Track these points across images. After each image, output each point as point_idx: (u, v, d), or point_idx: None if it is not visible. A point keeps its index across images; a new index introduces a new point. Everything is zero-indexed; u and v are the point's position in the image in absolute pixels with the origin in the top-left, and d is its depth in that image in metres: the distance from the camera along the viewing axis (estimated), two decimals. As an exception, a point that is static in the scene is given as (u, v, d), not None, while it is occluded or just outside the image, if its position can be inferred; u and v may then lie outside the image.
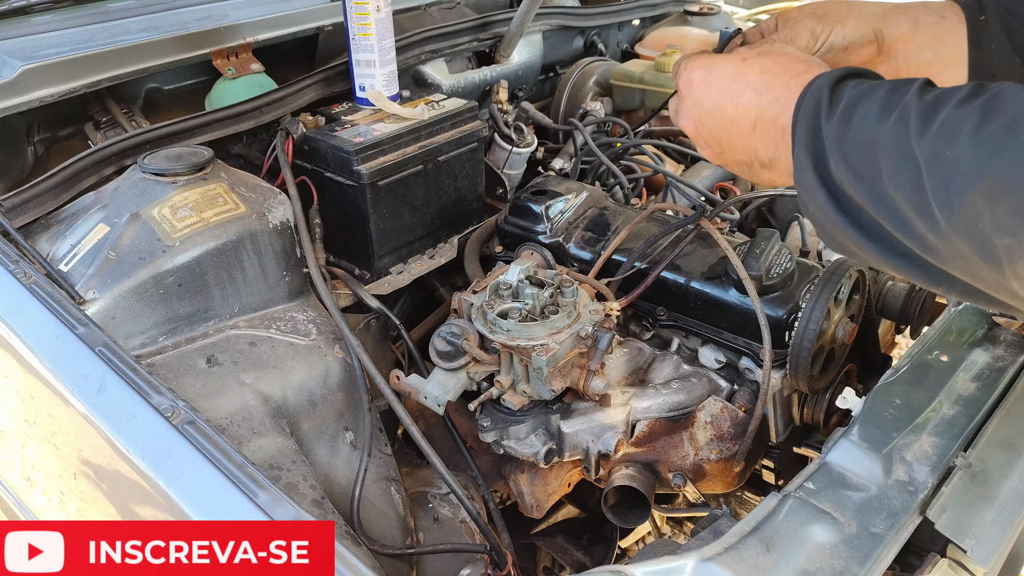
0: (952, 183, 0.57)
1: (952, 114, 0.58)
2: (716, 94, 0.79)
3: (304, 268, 1.23)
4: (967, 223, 0.57)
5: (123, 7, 1.65)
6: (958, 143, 0.57)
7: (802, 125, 0.69)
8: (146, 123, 1.45)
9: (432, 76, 1.71)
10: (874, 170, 0.62)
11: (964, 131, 0.57)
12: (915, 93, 0.62)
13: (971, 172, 0.56)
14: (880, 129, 0.62)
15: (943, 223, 0.58)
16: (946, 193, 0.57)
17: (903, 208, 0.61)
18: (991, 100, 0.57)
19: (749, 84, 0.76)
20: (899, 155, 0.60)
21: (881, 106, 0.63)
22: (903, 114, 0.61)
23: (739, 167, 0.82)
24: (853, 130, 0.64)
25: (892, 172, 0.61)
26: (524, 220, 1.36)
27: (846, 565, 0.77)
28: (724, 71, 0.79)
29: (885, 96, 0.64)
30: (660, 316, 1.25)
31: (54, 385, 0.92)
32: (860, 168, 0.63)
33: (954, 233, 0.58)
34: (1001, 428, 0.96)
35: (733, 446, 1.13)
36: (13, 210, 1.15)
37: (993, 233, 0.56)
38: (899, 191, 0.61)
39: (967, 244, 0.58)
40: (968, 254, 0.58)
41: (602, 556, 1.43)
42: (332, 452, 1.10)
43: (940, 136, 0.58)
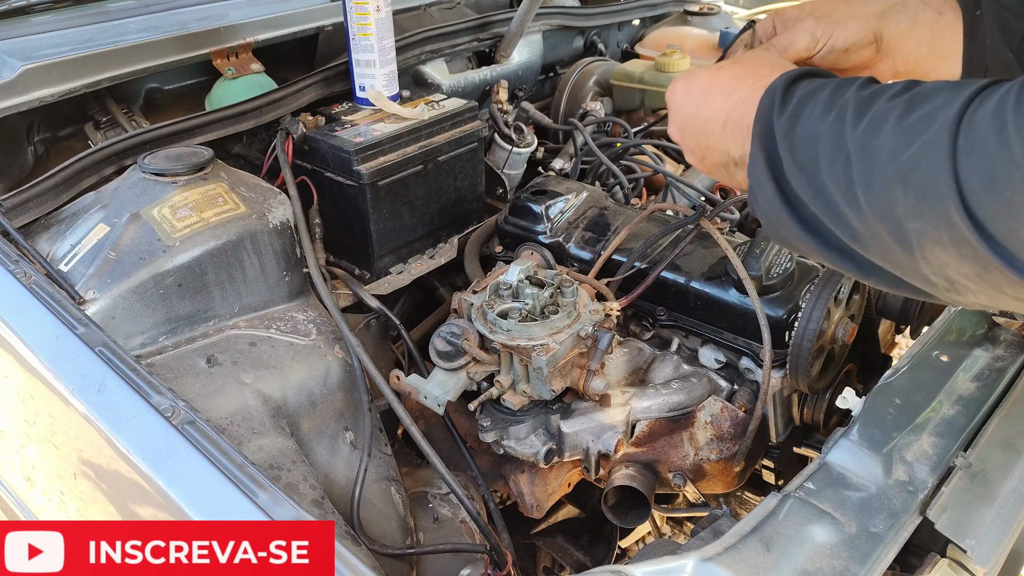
0: (874, 171, 0.61)
1: (881, 107, 0.62)
2: (694, 100, 0.83)
3: (304, 268, 1.23)
4: (884, 208, 0.61)
5: (123, 7, 1.65)
6: (882, 133, 0.61)
7: (758, 122, 0.72)
8: (146, 123, 1.45)
9: (432, 76, 1.71)
10: (814, 163, 0.66)
11: (888, 122, 0.61)
12: (855, 90, 0.66)
13: (889, 159, 0.60)
14: (821, 124, 0.66)
15: (865, 209, 0.62)
16: (868, 179, 0.61)
17: (835, 197, 0.65)
18: (916, 94, 0.61)
19: (720, 88, 0.80)
20: (834, 147, 0.64)
21: (825, 103, 0.67)
22: (842, 110, 0.65)
23: (718, 170, 0.85)
24: (800, 126, 0.68)
25: (828, 163, 0.65)
26: (524, 220, 1.36)
27: (846, 565, 0.77)
28: (700, 79, 0.83)
29: (830, 94, 0.67)
30: (660, 316, 1.25)
31: (54, 385, 0.92)
32: (803, 161, 0.67)
33: (874, 218, 0.62)
34: (1001, 428, 0.96)
35: (733, 446, 1.13)
36: (13, 210, 1.15)
37: (905, 217, 0.60)
38: (831, 180, 0.64)
39: (884, 229, 0.62)
40: (886, 239, 0.62)
41: (602, 556, 1.43)
42: (332, 452, 1.10)
43: (869, 128, 0.62)
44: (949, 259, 0.60)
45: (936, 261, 0.61)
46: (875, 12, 0.93)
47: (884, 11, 0.93)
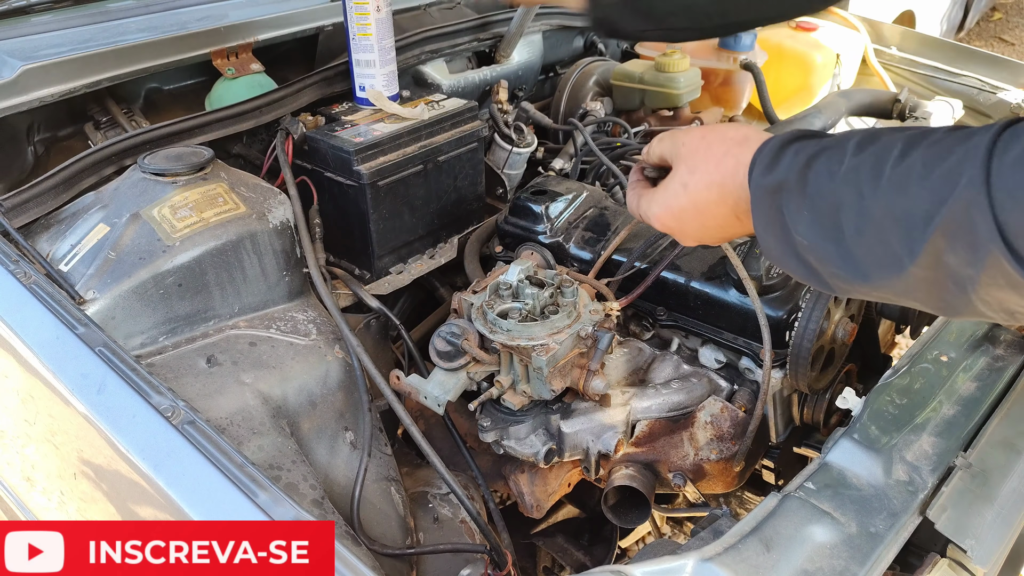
0: (912, 231, 0.62)
1: (896, 168, 0.64)
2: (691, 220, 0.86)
3: (304, 268, 1.23)
4: (932, 262, 0.62)
5: (123, 7, 1.65)
6: (908, 194, 0.62)
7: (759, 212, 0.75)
8: (146, 123, 1.45)
9: (432, 76, 1.71)
10: (837, 231, 0.68)
11: (912, 181, 0.62)
12: (854, 151, 0.68)
13: (926, 219, 0.61)
14: (833, 193, 0.68)
15: (910, 267, 0.64)
16: (908, 240, 0.63)
17: (871, 260, 0.66)
18: (928, 149, 0.63)
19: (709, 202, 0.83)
20: (857, 213, 0.66)
21: (827, 171, 0.69)
22: (849, 176, 0.67)
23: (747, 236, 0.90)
24: (812, 199, 0.69)
25: (854, 231, 0.66)
26: (524, 220, 1.36)
27: (846, 565, 0.77)
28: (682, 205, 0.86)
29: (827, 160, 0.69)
30: (660, 316, 1.25)
31: (54, 385, 0.92)
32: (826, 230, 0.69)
33: (922, 271, 0.63)
34: (1001, 428, 0.96)
35: (733, 446, 1.13)
36: (13, 210, 1.15)
37: (957, 267, 0.61)
38: (866, 246, 0.66)
39: (935, 277, 0.63)
40: (937, 284, 0.64)
41: (602, 556, 1.43)
42: (332, 452, 1.10)
43: (891, 190, 0.64)
44: (1007, 297, 0.61)
45: (994, 299, 0.62)
46: None
47: None
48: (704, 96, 2.03)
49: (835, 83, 2.29)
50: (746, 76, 2.05)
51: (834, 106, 1.95)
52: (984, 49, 2.27)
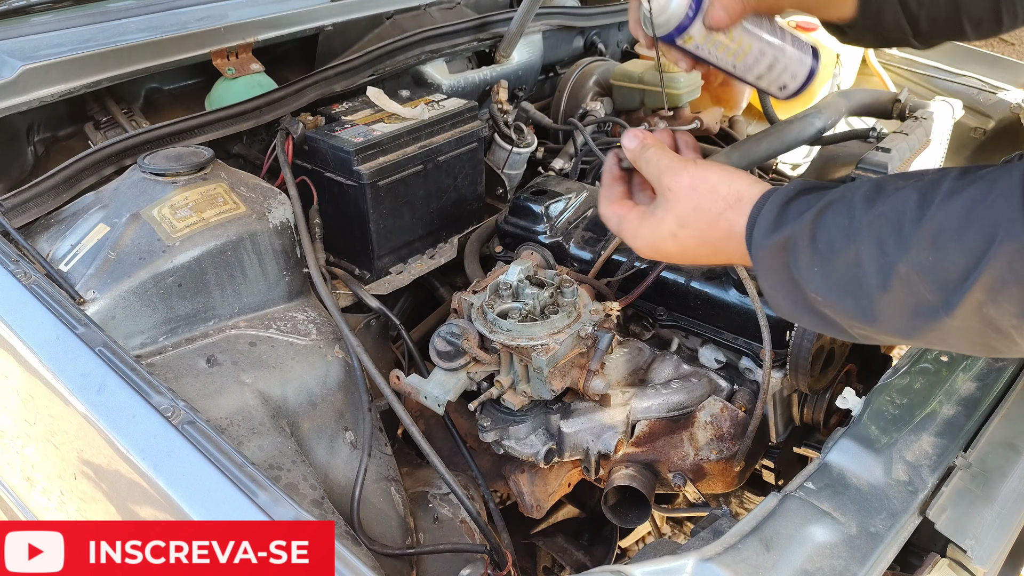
0: (947, 286, 0.62)
1: (919, 226, 0.63)
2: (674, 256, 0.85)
3: (304, 268, 1.23)
4: (971, 313, 0.62)
5: (123, 7, 1.65)
6: (937, 249, 0.62)
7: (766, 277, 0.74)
8: (146, 123, 1.45)
9: (432, 76, 1.71)
10: (860, 285, 0.67)
11: (941, 237, 0.62)
12: (863, 208, 0.67)
13: (964, 274, 0.60)
14: (849, 250, 0.67)
15: (945, 317, 0.63)
16: (944, 294, 0.62)
17: (898, 313, 0.66)
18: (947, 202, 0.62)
19: (700, 255, 0.82)
20: (879, 269, 0.65)
21: (836, 228, 0.68)
22: (864, 233, 0.66)
23: None
24: (824, 256, 0.68)
25: (877, 286, 0.65)
26: (524, 220, 1.36)
27: (846, 565, 0.77)
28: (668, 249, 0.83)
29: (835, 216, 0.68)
30: (660, 316, 1.25)
31: (54, 385, 0.92)
32: (845, 286, 0.68)
33: (961, 322, 0.63)
34: (1001, 428, 0.96)
35: (733, 446, 1.13)
36: (13, 210, 1.15)
37: (999, 317, 0.61)
38: (892, 300, 0.65)
39: (977, 324, 0.63)
40: (979, 330, 0.63)
41: (602, 556, 1.43)
42: (332, 452, 1.10)
43: (917, 246, 0.63)
44: None
45: None
46: None
47: None
48: (704, 96, 2.03)
49: (835, 83, 2.28)
50: (746, 76, 2.05)
51: (834, 106, 1.95)
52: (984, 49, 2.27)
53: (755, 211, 0.75)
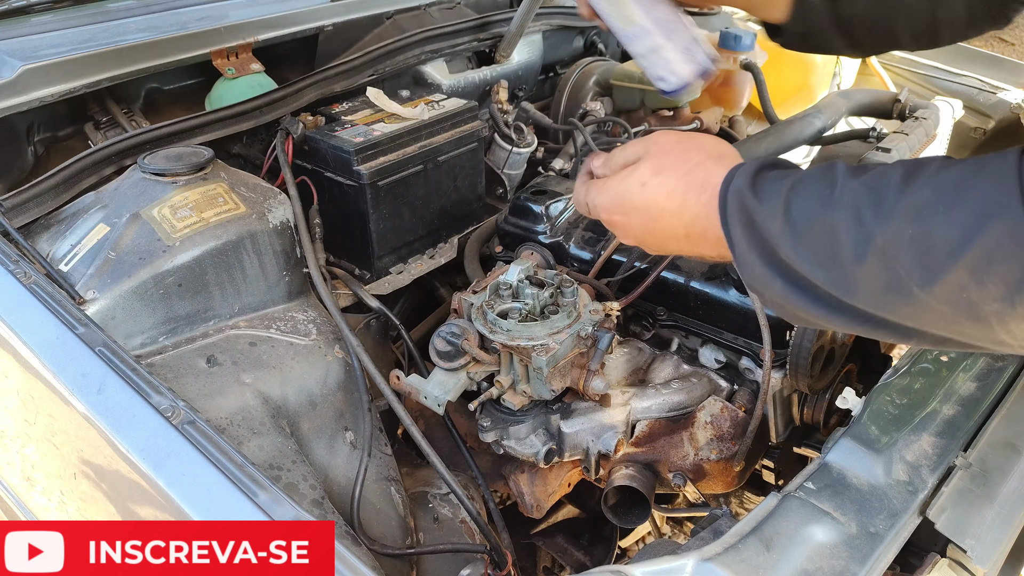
0: (928, 261, 0.59)
1: (903, 197, 0.61)
2: (639, 221, 0.82)
3: (304, 268, 1.23)
4: (951, 293, 0.59)
5: (123, 7, 1.65)
6: (921, 222, 0.60)
7: (736, 227, 0.71)
8: (146, 123, 1.45)
9: (432, 76, 1.71)
10: (833, 256, 0.65)
11: (924, 211, 0.60)
12: (846, 177, 0.65)
13: (949, 251, 0.58)
14: (827, 218, 0.65)
15: (922, 295, 0.61)
16: (923, 270, 0.60)
17: (873, 287, 0.63)
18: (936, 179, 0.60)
19: (664, 211, 0.79)
20: (856, 239, 0.63)
21: (816, 194, 0.66)
22: (846, 200, 0.64)
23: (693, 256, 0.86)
24: (798, 223, 0.67)
25: (853, 256, 0.63)
26: (524, 220, 1.36)
27: (846, 565, 0.77)
28: (634, 204, 0.82)
29: (816, 184, 0.67)
30: (660, 316, 1.25)
31: (54, 385, 0.92)
32: (817, 256, 0.66)
33: (937, 302, 0.60)
34: (1001, 428, 0.96)
35: (733, 446, 1.13)
36: (13, 210, 1.15)
37: (981, 301, 0.58)
38: (867, 272, 0.63)
39: (952, 309, 0.60)
40: (953, 316, 0.61)
41: (602, 556, 1.43)
42: (332, 452, 1.10)
43: (898, 217, 0.61)
44: None
45: (1020, 331, 0.60)
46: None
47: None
48: (704, 96, 2.03)
49: (835, 83, 2.29)
50: (746, 76, 2.05)
51: (834, 106, 1.95)
52: (984, 49, 2.27)
53: (737, 167, 0.73)
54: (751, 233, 0.70)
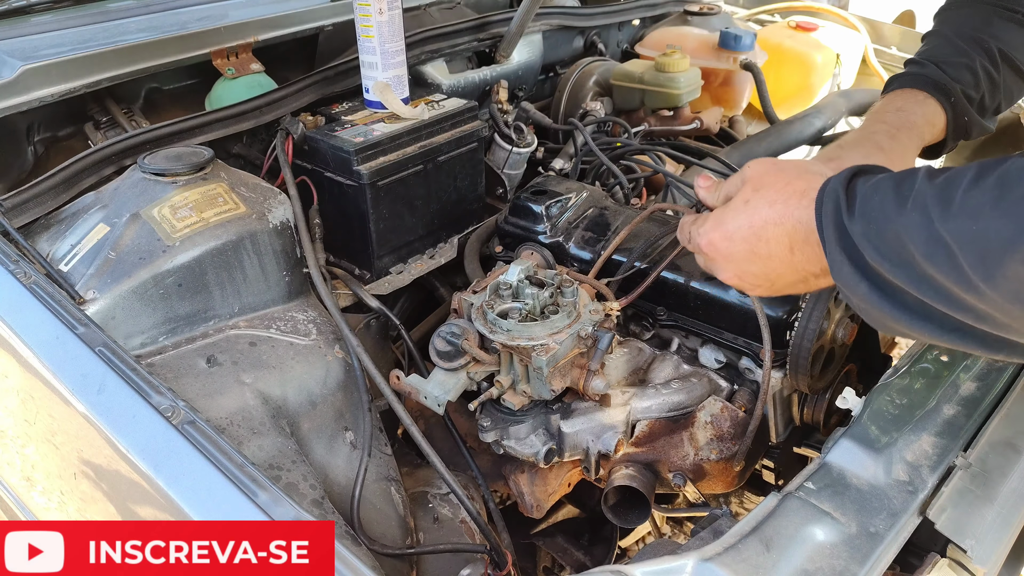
0: (988, 256, 0.61)
1: (970, 194, 0.63)
2: (743, 244, 0.83)
3: (304, 268, 1.23)
4: (1012, 289, 0.61)
5: (123, 7, 1.65)
6: (982, 218, 0.61)
7: (828, 227, 0.73)
8: (146, 123, 1.45)
9: (432, 76, 1.71)
10: (907, 256, 0.66)
11: (985, 207, 0.61)
12: (924, 180, 0.67)
13: (1004, 243, 0.60)
14: (901, 218, 0.67)
15: (989, 292, 0.62)
16: (984, 266, 0.61)
17: (946, 285, 0.65)
18: (1002, 177, 0.62)
19: (767, 221, 0.81)
20: (927, 239, 0.65)
21: (895, 197, 0.68)
22: (918, 201, 0.66)
23: (794, 287, 0.86)
24: (877, 223, 0.68)
25: (925, 255, 0.65)
26: (524, 220, 1.36)
27: (846, 565, 0.77)
28: (738, 223, 0.83)
29: (895, 187, 0.69)
30: (660, 316, 1.25)
31: (54, 385, 0.92)
32: (893, 256, 0.68)
33: (1003, 300, 0.62)
34: (1001, 428, 0.96)
35: (733, 446, 1.13)
36: (13, 210, 1.15)
37: None
38: (938, 271, 0.65)
39: (1017, 308, 0.62)
40: (1019, 313, 0.62)
41: (602, 556, 1.43)
42: (332, 452, 1.10)
43: (963, 215, 0.62)
44: None
45: None
46: (880, 146, 1.06)
47: (906, 145, 1.08)
48: (704, 96, 2.03)
49: (835, 83, 2.28)
50: (746, 76, 2.05)
51: (834, 106, 1.95)
52: (984, 49, 2.26)
53: (838, 174, 0.75)
54: (840, 234, 0.72)
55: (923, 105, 1.13)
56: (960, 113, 1.13)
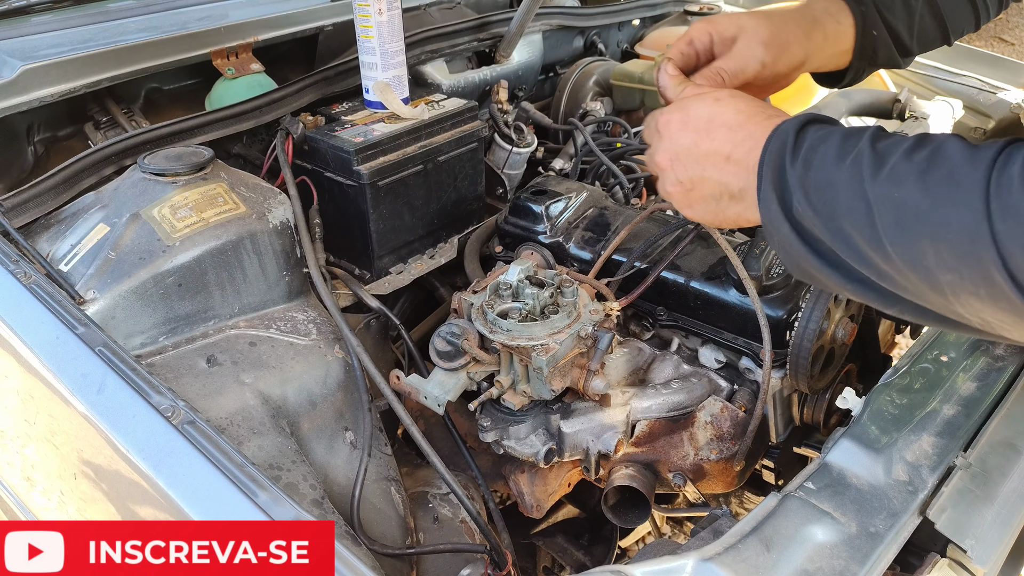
0: (900, 223, 0.64)
1: (900, 162, 0.65)
2: (693, 131, 0.84)
3: (304, 268, 1.23)
4: (913, 259, 0.64)
5: (123, 7, 1.65)
6: (904, 188, 0.64)
7: (769, 164, 0.75)
8: (146, 123, 1.45)
9: (432, 76, 1.71)
10: (831, 208, 0.69)
11: (910, 178, 0.64)
12: (868, 141, 0.69)
13: (917, 216, 0.63)
14: (837, 171, 0.69)
15: (894, 256, 0.65)
16: (896, 231, 0.64)
17: (858, 241, 0.68)
18: (934, 152, 0.64)
19: (725, 122, 0.82)
20: (853, 195, 0.67)
21: (837, 151, 0.70)
22: (857, 159, 0.68)
23: (707, 202, 0.85)
24: (814, 171, 0.71)
25: (847, 210, 0.68)
26: (524, 220, 1.36)
27: (846, 565, 0.77)
28: (700, 111, 0.84)
29: (841, 142, 0.71)
30: (660, 316, 1.25)
31: (54, 385, 0.92)
32: (819, 206, 0.70)
33: (903, 266, 0.65)
34: (1001, 428, 0.96)
35: (733, 446, 1.13)
36: (13, 210, 1.15)
37: (936, 270, 0.62)
38: (853, 226, 0.68)
39: (914, 276, 0.65)
40: (917, 283, 0.65)
41: (602, 556, 1.43)
42: (332, 452, 1.10)
43: (890, 180, 0.65)
44: (984, 307, 0.62)
45: (971, 307, 0.64)
46: (805, 33, 1.01)
47: (809, 32, 1.01)
48: (704, 96, 2.03)
49: (835, 83, 2.28)
50: (746, 76, 2.05)
51: (834, 106, 1.95)
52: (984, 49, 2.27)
53: (795, 117, 0.77)
54: (778, 175, 0.73)
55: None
56: (869, 25, 1.05)
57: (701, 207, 0.86)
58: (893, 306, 0.71)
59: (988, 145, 0.62)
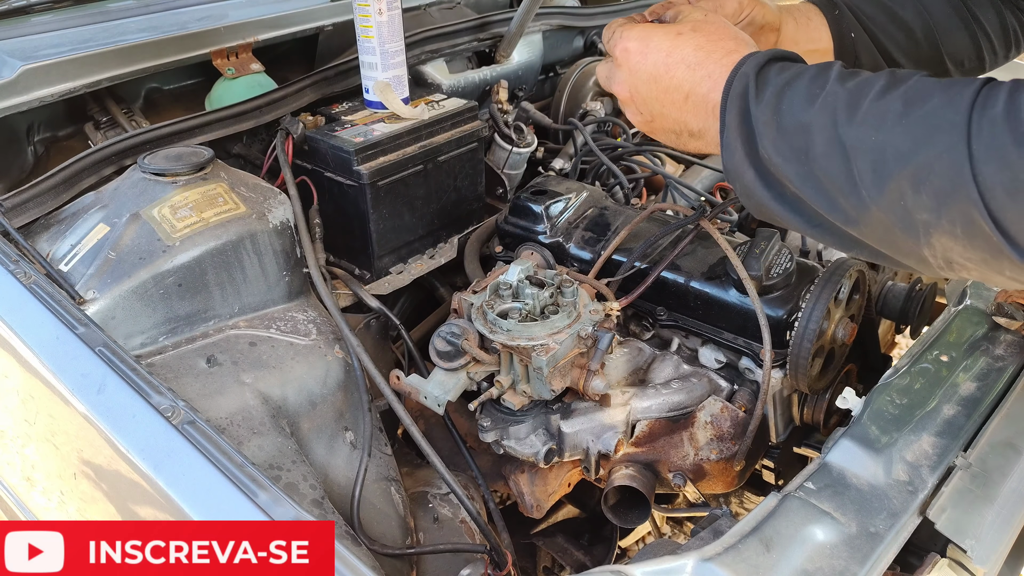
0: (879, 167, 0.63)
1: (875, 104, 0.64)
2: (651, 65, 0.83)
3: (304, 268, 1.23)
4: (891, 201, 0.63)
5: (123, 7, 1.65)
6: (883, 130, 0.63)
7: (732, 108, 0.74)
8: (146, 123, 1.45)
9: (432, 76, 1.71)
10: (803, 153, 0.68)
11: (888, 120, 0.63)
12: (836, 81, 0.68)
13: (897, 158, 0.62)
14: (807, 115, 0.68)
15: (868, 200, 0.65)
16: (873, 175, 0.64)
17: (829, 187, 0.67)
18: (908, 92, 0.64)
19: (683, 59, 0.81)
20: (827, 140, 0.66)
21: (805, 94, 0.69)
22: (827, 101, 0.67)
23: (667, 135, 0.86)
24: (782, 116, 0.69)
25: (822, 155, 0.67)
26: (524, 220, 1.36)
27: (846, 565, 0.77)
28: (660, 45, 0.83)
29: (809, 84, 0.69)
30: (660, 316, 1.25)
31: (54, 385, 0.92)
32: (789, 152, 0.69)
33: (878, 209, 0.64)
34: (1001, 428, 0.96)
35: (733, 446, 1.13)
36: (13, 210, 1.15)
37: (914, 210, 0.62)
38: (825, 172, 0.67)
39: (888, 218, 0.64)
40: (889, 225, 0.65)
41: (602, 556, 1.43)
42: (332, 452, 1.10)
43: (865, 123, 0.64)
44: (955, 246, 0.62)
45: (941, 247, 0.64)
46: (780, 6, 1.03)
47: (787, 8, 1.04)
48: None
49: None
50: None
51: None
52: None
53: (755, 53, 0.76)
54: (743, 119, 0.72)
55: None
56: (847, 27, 1.07)
57: (663, 137, 0.87)
58: (851, 248, 0.72)
59: (964, 83, 0.61)
